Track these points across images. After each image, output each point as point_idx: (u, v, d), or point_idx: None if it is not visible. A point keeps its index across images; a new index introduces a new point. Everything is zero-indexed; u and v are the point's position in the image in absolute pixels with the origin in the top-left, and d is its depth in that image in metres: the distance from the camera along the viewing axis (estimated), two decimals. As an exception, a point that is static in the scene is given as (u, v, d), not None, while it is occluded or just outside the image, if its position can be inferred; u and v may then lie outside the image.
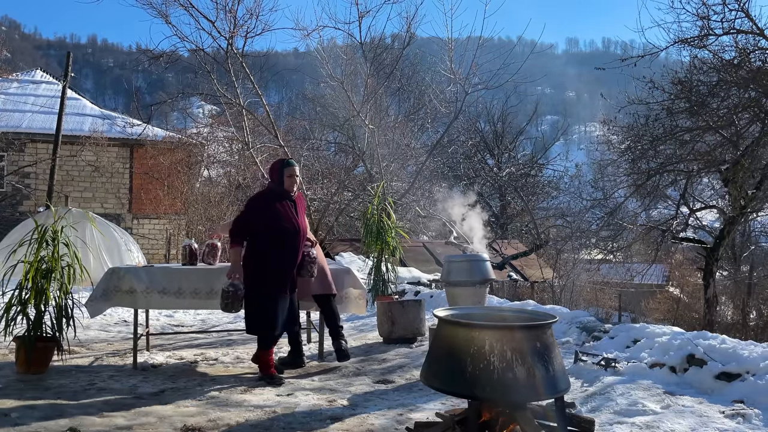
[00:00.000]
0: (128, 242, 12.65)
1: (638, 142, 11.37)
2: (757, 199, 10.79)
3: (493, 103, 29.22)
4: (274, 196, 4.75)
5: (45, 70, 25.95)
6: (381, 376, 4.94)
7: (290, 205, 4.78)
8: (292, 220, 4.73)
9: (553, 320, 2.95)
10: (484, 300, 5.65)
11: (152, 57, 13.01)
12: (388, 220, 7.46)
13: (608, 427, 3.53)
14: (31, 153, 19.49)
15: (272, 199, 4.73)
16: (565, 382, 2.85)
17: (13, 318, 4.78)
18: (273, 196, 4.74)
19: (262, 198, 4.80)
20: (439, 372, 2.88)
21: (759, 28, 9.78)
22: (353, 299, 5.53)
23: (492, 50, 14.07)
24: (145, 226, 20.55)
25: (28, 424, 3.52)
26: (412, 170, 18.16)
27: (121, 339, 6.68)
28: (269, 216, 4.64)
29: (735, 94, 10.36)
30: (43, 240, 4.94)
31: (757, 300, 15.28)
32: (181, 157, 18.50)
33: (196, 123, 22.23)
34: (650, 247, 13.47)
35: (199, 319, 8.54)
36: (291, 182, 4.77)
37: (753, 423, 3.53)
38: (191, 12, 12.71)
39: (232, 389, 4.44)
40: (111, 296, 5.11)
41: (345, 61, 14.73)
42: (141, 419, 3.66)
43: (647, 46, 10.86)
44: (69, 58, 17.70)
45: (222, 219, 16.38)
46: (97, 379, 4.68)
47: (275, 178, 4.80)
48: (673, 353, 4.61)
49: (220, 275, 5.10)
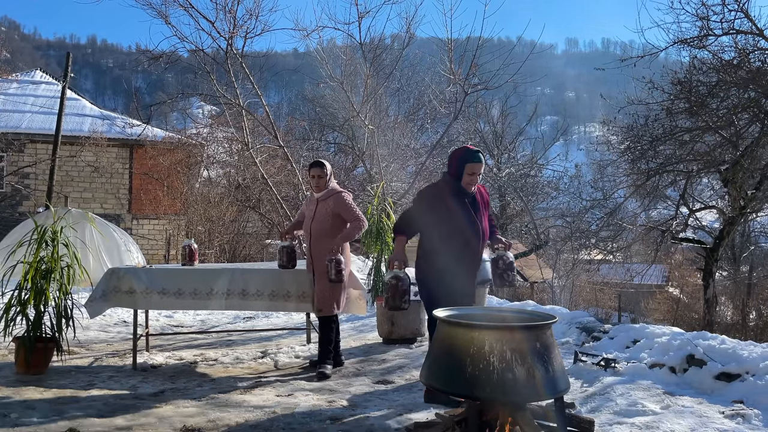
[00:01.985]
0: (128, 243, 12.63)
1: (638, 142, 11.36)
2: (757, 199, 10.79)
3: (493, 103, 29.22)
4: (449, 190, 3.94)
5: (44, 70, 25.98)
6: (381, 376, 4.94)
7: (469, 202, 3.95)
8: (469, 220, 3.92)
9: (552, 320, 2.96)
10: (484, 300, 5.66)
11: (152, 57, 13.01)
12: (387, 220, 7.45)
13: (608, 427, 3.53)
14: (31, 153, 19.50)
15: (446, 194, 3.93)
16: (565, 383, 2.85)
17: (13, 318, 4.78)
18: (448, 191, 3.94)
19: (432, 191, 4.01)
20: (439, 372, 2.88)
21: (758, 29, 9.78)
22: (353, 299, 5.52)
23: (492, 50, 14.06)
24: (144, 227, 20.56)
25: (27, 424, 3.51)
26: (411, 170, 18.16)
27: (120, 339, 6.68)
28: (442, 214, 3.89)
29: (734, 94, 10.36)
30: (42, 240, 4.94)
31: (757, 300, 15.29)
32: (181, 158, 18.51)
33: (196, 123, 22.21)
34: (650, 247, 13.48)
35: (198, 320, 8.54)
36: (471, 181, 3.90)
37: (753, 423, 3.53)
38: (191, 12, 12.73)
39: (231, 390, 4.43)
40: (110, 297, 5.10)
41: (345, 62, 14.73)
42: (140, 420, 3.66)
43: (647, 46, 10.88)
44: (68, 58, 17.69)
45: (221, 219, 16.39)
46: (96, 380, 4.68)
47: (453, 170, 3.94)
48: (673, 353, 4.61)
49: (219, 276, 5.10)
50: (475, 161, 3.86)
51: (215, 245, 16.10)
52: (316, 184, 4.96)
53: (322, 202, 4.93)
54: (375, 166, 14.89)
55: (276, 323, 8.06)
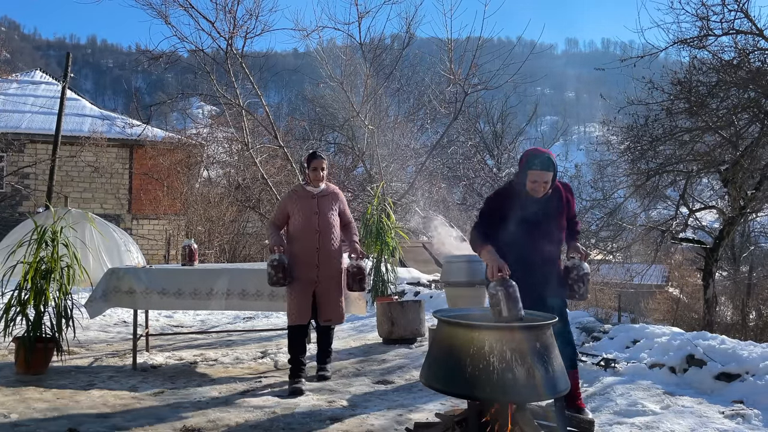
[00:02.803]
0: (128, 243, 12.63)
1: (638, 142, 11.36)
2: (757, 199, 10.79)
3: (493, 103, 29.24)
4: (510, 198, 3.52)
5: (44, 70, 26.02)
6: (381, 376, 4.94)
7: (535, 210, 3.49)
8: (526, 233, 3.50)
9: (552, 321, 2.96)
10: (484, 300, 5.65)
11: (152, 57, 13.02)
12: (387, 220, 7.46)
13: (608, 427, 3.53)
14: (31, 153, 19.51)
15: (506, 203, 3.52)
16: (565, 383, 2.85)
17: (13, 319, 4.78)
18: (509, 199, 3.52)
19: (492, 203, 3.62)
20: (439, 372, 2.88)
21: (758, 29, 9.78)
22: (353, 300, 5.52)
23: (491, 51, 14.07)
24: (144, 227, 20.57)
25: (27, 424, 3.51)
26: (411, 171, 18.17)
27: (120, 340, 6.68)
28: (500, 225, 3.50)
29: (734, 94, 10.36)
30: (42, 241, 4.94)
31: (757, 300, 15.28)
32: (181, 158, 18.52)
33: (196, 123, 22.22)
34: (650, 247, 13.47)
35: (198, 320, 8.54)
36: (534, 188, 3.42)
37: (752, 423, 3.53)
38: (191, 12, 12.75)
39: (231, 390, 4.44)
40: (110, 297, 5.11)
41: (344, 62, 14.74)
42: (140, 420, 3.65)
43: (647, 46, 10.87)
44: (68, 58, 17.70)
45: (221, 219, 16.39)
46: (96, 380, 4.68)
47: (519, 174, 3.51)
48: (673, 354, 4.61)
49: (219, 276, 5.10)
50: (539, 169, 3.36)
51: (215, 245, 16.11)
52: (317, 177, 4.62)
53: (323, 198, 4.65)
54: (375, 166, 14.90)
55: (276, 323, 8.06)
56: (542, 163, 3.37)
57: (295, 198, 4.65)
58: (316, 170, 4.60)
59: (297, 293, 4.52)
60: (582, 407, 3.48)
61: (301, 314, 4.52)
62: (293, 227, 4.62)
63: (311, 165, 4.62)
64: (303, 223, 4.57)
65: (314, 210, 4.58)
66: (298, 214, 4.59)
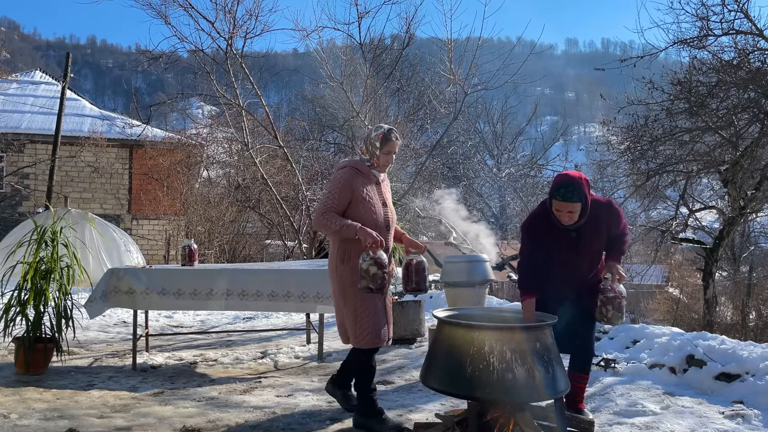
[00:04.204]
0: (127, 243, 12.64)
1: (638, 142, 11.35)
2: (757, 199, 10.78)
3: (493, 103, 29.27)
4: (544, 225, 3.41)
5: (44, 70, 26.01)
6: (380, 376, 4.93)
7: (568, 236, 3.39)
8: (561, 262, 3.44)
9: (552, 321, 2.96)
10: (484, 301, 5.65)
11: (151, 58, 13.01)
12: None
13: (608, 427, 3.53)
14: (31, 154, 19.51)
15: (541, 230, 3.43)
16: (565, 383, 2.86)
17: (12, 319, 4.78)
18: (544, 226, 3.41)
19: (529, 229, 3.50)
20: (439, 373, 2.88)
21: (758, 29, 9.78)
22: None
23: (491, 51, 14.09)
24: (144, 227, 20.56)
25: (27, 424, 3.51)
26: (411, 171, 18.17)
27: (120, 340, 6.68)
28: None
29: (734, 94, 10.36)
30: (42, 241, 4.94)
31: (757, 300, 15.27)
32: (181, 158, 18.51)
33: (196, 124, 22.20)
34: (650, 247, 13.47)
35: (198, 320, 8.54)
36: (560, 217, 3.29)
37: (752, 423, 3.53)
38: (190, 13, 12.72)
39: (231, 390, 4.43)
40: (110, 297, 5.10)
41: (344, 62, 14.74)
42: (140, 420, 3.65)
43: (646, 46, 10.87)
44: (68, 58, 17.69)
45: (221, 219, 16.39)
46: (96, 380, 4.68)
47: (549, 198, 3.36)
48: (673, 354, 4.61)
49: (218, 276, 5.10)
50: (557, 198, 3.21)
51: (215, 245, 16.11)
52: (388, 163, 3.60)
53: (384, 185, 3.68)
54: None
55: (276, 323, 8.07)
56: (565, 195, 3.18)
57: (362, 180, 3.52)
58: (389, 154, 3.55)
59: (377, 304, 3.48)
60: (582, 407, 3.49)
61: (385, 331, 3.51)
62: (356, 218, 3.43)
63: (385, 147, 3.52)
64: (371, 213, 3.48)
65: (380, 199, 3.58)
66: (364, 201, 3.47)
